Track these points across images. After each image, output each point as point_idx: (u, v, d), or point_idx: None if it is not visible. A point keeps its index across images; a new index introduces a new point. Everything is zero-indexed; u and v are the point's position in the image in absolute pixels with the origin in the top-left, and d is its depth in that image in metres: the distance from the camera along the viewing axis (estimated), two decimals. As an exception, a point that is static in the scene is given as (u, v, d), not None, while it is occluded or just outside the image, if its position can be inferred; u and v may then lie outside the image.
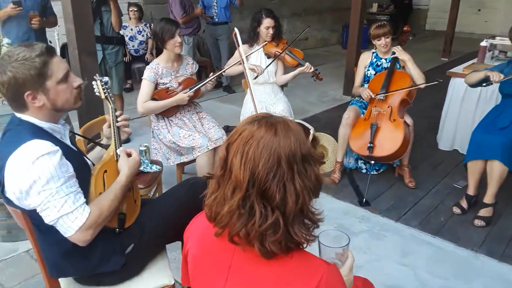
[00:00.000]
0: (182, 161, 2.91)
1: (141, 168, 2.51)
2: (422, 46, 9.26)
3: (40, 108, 1.41)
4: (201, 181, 1.95)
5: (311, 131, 1.10)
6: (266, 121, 0.96)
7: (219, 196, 0.99)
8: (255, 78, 3.27)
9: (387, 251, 2.54)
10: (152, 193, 2.66)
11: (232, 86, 5.89)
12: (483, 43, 4.09)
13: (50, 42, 5.17)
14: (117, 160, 1.68)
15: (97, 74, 1.73)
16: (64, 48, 5.13)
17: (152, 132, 3.00)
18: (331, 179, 3.29)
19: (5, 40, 2.66)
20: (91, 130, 2.40)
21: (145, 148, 2.61)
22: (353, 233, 2.67)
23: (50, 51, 1.39)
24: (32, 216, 1.42)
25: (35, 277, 2.29)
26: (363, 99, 3.30)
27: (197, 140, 2.79)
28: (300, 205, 0.93)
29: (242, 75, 3.43)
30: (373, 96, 3.19)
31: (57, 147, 1.36)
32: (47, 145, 1.34)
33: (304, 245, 0.97)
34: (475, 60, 4.15)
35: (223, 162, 0.98)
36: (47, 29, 4.00)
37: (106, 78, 1.72)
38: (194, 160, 2.89)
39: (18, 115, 1.44)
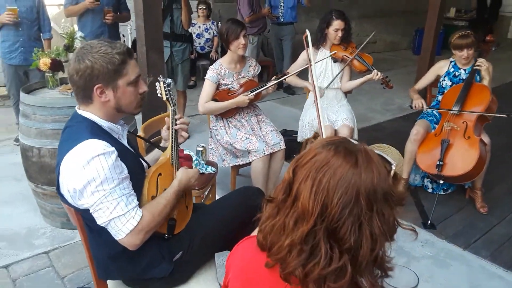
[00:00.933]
0: (237, 163, 2.86)
1: (197, 169, 2.48)
2: (503, 55, 8.52)
3: (104, 104, 1.41)
4: (256, 191, 1.88)
5: (393, 167, 0.94)
6: (345, 147, 0.84)
7: (278, 224, 0.87)
8: (314, 101, 3.14)
9: (452, 282, 2.31)
10: (205, 194, 2.64)
11: (293, 87, 5.77)
12: None
13: (123, 36, 5.39)
14: (172, 164, 1.65)
15: (160, 76, 1.71)
16: (135, 42, 5.30)
17: (210, 131, 2.98)
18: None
19: (79, 34, 2.76)
20: (151, 127, 2.41)
21: (202, 149, 2.59)
22: (414, 258, 2.47)
23: (130, 53, 1.42)
24: (85, 216, 1.42)
25: (89, 268, 2.36)
26: (415, 109, 3.10)
27: (254, 144, 2.72)
28: (376, 252, 0.80)
29: (305, 75, 3.33)
30: (424, 108, 3.00)
31: (113, 148, 1.35)
32: (103, 145, 1.33)
33: None
34: None
35: (287, 186, 0.87)
36: (120, 24, 4.15)
37: (169, 80, 1.70)
38: (249, 163, 2.83)
39: (79, 111, 1.45)
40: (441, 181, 2.88)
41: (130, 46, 5.36)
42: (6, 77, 3.71)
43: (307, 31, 2.73)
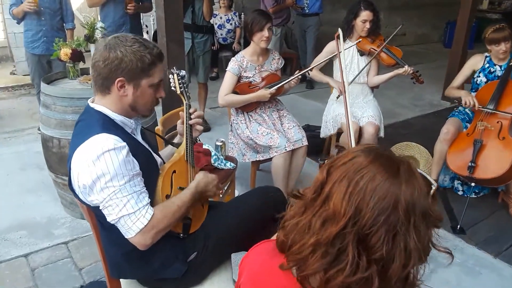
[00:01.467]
0: (257, 159, 2.78)
1: (216, 164, 2.42)
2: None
3: (120, 98, 1.37)
4: (275, 191, 1.80)
5: (433, 187, 0.88)
6: (387, 156, 0.79)
7: (303, 222, 0.81)
8: (337, 97, 3.03)
9: (481, 291, 2.18)
10: (224, 189, 2.57)
11: (313, 82, 5.62)
12: None
13: (146, 26, 5.37)
14: (187, 160, 1.59)
15: (174, 67, 1.64)
16: (156, 34, 5.28)
17: (231, 125, 2.91)
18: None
19: (99, 24, 2.73)
20: (171, 120, 2.36)
21: (221, 144, 2.52)
22: (441, 264, 2.33)
23: (161, 56, 1.39)
24: (96, 212, 1.38)
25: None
26: (465, 106, 2.87)
27: (275, 140, 2.64)
28: (408, 269, 0.74)
29: (328, 70, 3.21)
30: (476, 107, 2.76)
31: (124, 143, 1.30)
32: (114, 140, 1.28)
33: None
34: None
35: (319, 185, 0.81)
36: (143, 14, 4.11)
37: (183, 72, 1.64)
38: (270, 159, 2.75)
39: (92, 104, 1.41)
40: (473, 184, 2.72)
41: (152, 37, 5.35)
42: (30, 66, 3.74)
43: (340, 30, 2.57)
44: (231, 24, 5.83)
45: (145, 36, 4.91)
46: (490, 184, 2.77)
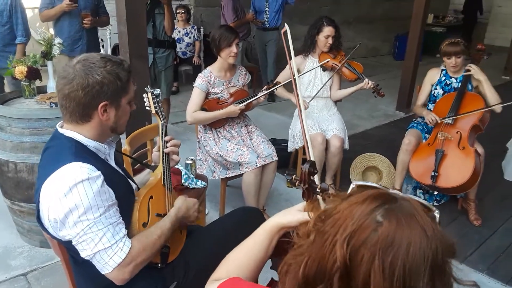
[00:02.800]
0: (227, 175, 2.74)
1: (186, 184, 2.35)
2: (482, 62, 8.68)
3: (102, 123, 1.29)
4: (255, 212, 1.77)
5: (437, 214, 0.77)
6: (401, 211, 0.70)
7: None
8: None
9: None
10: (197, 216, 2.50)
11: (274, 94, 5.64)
12: None
13: (102, 40, 5.18)
14: (164, 185, 1.52)
15: (148, 86, 1.58)
16: (116, 48, 5.11)
17: (199, 142, 2.86)
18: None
19: (57, 40, 2.59)
20: (137, 140, 2.27)
21: (191, 162, 2.45)
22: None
23: (130, 69, 1.35)
24: (69, 247, 1.27)
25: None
26: (430, 124, 3.00)
27: (245, 156, 2.61)
28: None
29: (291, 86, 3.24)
30: (439, 121, 2.89)
31: (99, 172, 1.22)
32: (88, 170, 1.20)
33: None
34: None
35: (343, 273, 0.69)
36: (99, 28, 3.97)
37: (157, 91, 1.58)
38: (240, 175, 2.71)
39: (61, 130, 1.30)
40: (435, 192, 2.83)
41: (110, 51, 5.18)
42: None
43: (286, 25, 2.53)
44: (189, 37, 5.78)
45: (101, 50, 4.74)
46: (452, 192, 2.88)
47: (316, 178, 1.08)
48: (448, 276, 0.69)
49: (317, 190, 1.04)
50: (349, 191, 0.83)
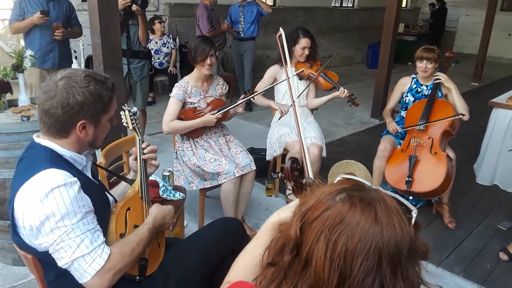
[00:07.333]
0: (205, 186, 2.72)
1: (164, 196, 2.32)
2: (450, 69, 8.97)
3: (80, 139, 1.29)
4: (235, 223, 1.77)
5: (414, 213, 0.78)
6: (360, 198, 0.72)
7: None
8: (279, 118, 3.09)
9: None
10: (174, 222, 2.47)
11: (251, 103, 5.67)
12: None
13: (75, 51, 5.10)
14: (142, 198, 1.50)
15: (125, 104, 1.58)
16: (89, 60, 5.04)
17: (176, 153, 2.83)
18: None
19: (28, 52, 2.53)
20: (113, 152, 2.24)
21: (168, 174, 2.43)
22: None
23: (114, 87, 1.34)
24: (44, 262, 1.24)
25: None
26: (392, 133, 3.12)
27: (224, 166, 2.60)
28: None
29: (270, 91, 3.27)
30: (399, 131, 3.03)
31: (75, 178, 1.21)
32: (64, 176, 1.18)
33: None
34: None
35: (294, 245, 0.74)
36: (72, 39, 3.91)
37: (135, 109, 1.60)
38: (218, 186, 2.70)
39: (38, 140, 1.29)
40: (410, 197, 2.89)
41: (83, 63, 5.09)
42: None
43: (281, 29, 2.54)
44: (167, 47, 5.75)
45: (74, 61, 4.66)
46: (427, 197, 2.95)
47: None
48: (410, 276, 0.70)
49: (304, 184, 1.08)
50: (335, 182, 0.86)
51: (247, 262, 1.03)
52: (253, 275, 1.00)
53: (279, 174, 1.17)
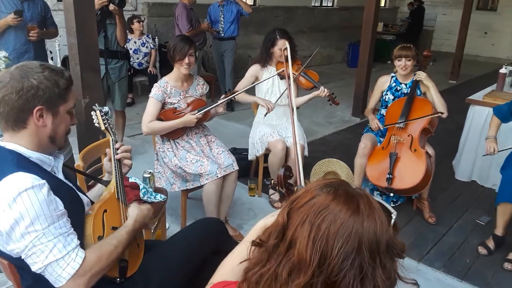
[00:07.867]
0: (187, 187, 2.69)
1: (145, 198, 2.29)
2: (428, 68, 9.13)
3: (38, 130, 1.25)
4: (216, 223, 1.75)
5: (393, 216, 0.85)
6: (345, 191, 0.78)
7: (269, 273, 0.77)
8: (265, 115, 3.08)
9: (411, 297, 2.30)
10: (155, 225, 2.43)
11: (233, 104, 5.66)
12: (503, 70, 3.92)
13: (50, 52, 4.98)
14: (118, 198, 1.47)
15: (96, 104, 1.55)
16: (66, 60, 4.92)
17: (156, 154, 2.79)
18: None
19: (2, 53, 2.46)
20: (91, 154, 2.19)
21: (149, 175, 2.39)
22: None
23: (71, 80, 1.32)
24: (20, 267, 1.21)
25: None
26: (374, 130, 3.16)
27: (205, 167, 2.58)
28: None
29: (251, 91, 3.26)
30: (381, 128, 3.06)
31: (44, 181, 1.17)
32: (32, 179, 1.15)
33: None
34: (494, 87, 3.97)
35: (280, 229, 0.78)
36: (47, 40, 3.81)
37: (106, 108, 1.56)
38: (200, 187, 2.67)
39: (2, 143, 1.26)
40: (391, 194, 2.92)
41: (60, 63, 4.98)
42: None
43: (286, 42, 2.61)
44: (146, 47, 5.68)
45: (50, 62, 4.55)
46: (407, 193, 2.99)
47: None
48: (388, 267, 0.75)
49: (295, 192, 1.10)
50: None
51: (233, 264, 1.03)
52: (240, 277, 1.00)
53: (272, 181, 1.20)
